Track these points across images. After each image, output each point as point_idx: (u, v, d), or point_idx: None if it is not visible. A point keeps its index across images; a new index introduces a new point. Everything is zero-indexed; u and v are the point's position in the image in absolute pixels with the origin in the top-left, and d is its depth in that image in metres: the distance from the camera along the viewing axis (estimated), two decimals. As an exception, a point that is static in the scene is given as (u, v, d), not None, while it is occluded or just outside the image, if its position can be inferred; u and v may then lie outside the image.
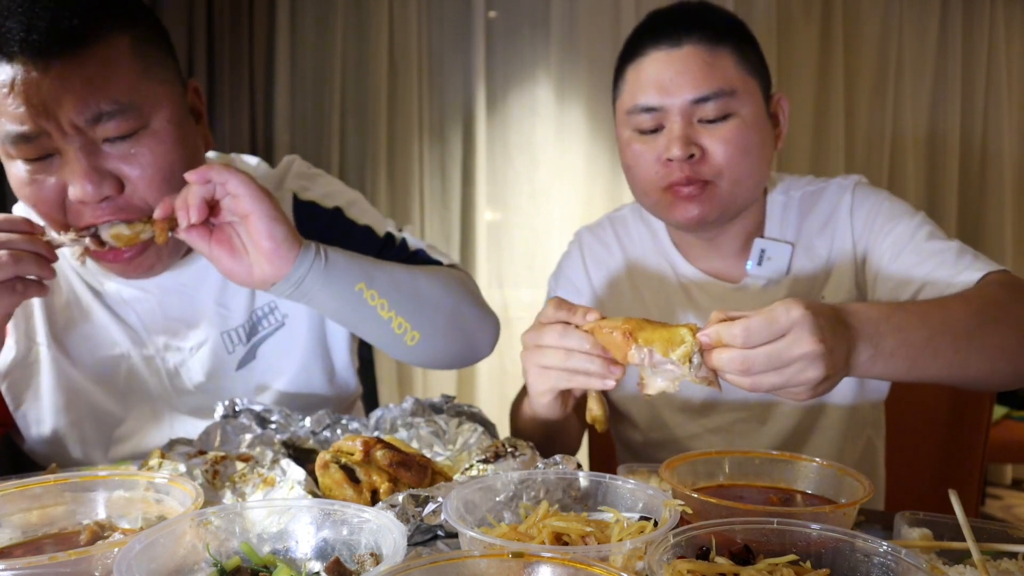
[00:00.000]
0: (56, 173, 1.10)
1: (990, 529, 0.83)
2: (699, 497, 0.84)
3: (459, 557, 0.67)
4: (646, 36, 1.31)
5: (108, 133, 1.09)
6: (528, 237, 3.77)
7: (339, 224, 1.36)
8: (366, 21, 3.66)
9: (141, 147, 1.12)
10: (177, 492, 0.85)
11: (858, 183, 1.42)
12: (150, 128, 1.13)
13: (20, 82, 1.04)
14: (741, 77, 1.28)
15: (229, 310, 1.34)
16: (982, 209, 3.94)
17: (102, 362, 1.30)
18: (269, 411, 1.20)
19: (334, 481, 0.96)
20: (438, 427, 1.21)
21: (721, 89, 1.25)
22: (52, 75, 1.04)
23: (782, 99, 1.37)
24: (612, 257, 1.53)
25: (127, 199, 1.13)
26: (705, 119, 1.26)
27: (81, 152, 1.07)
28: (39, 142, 1.07)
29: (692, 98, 1.25)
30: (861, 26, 3.82)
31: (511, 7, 3.76)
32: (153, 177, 1.13)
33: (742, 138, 1.26)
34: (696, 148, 1.26)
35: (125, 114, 1.09)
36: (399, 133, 3.70)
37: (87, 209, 1.11)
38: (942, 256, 1.25)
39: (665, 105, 1.26)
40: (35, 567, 0.67)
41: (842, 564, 0.72)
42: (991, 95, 3.91)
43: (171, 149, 1.14)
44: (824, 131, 3.80)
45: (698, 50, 1.26)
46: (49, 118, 1.05)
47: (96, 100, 1.06)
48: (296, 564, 0.76)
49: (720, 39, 1.28)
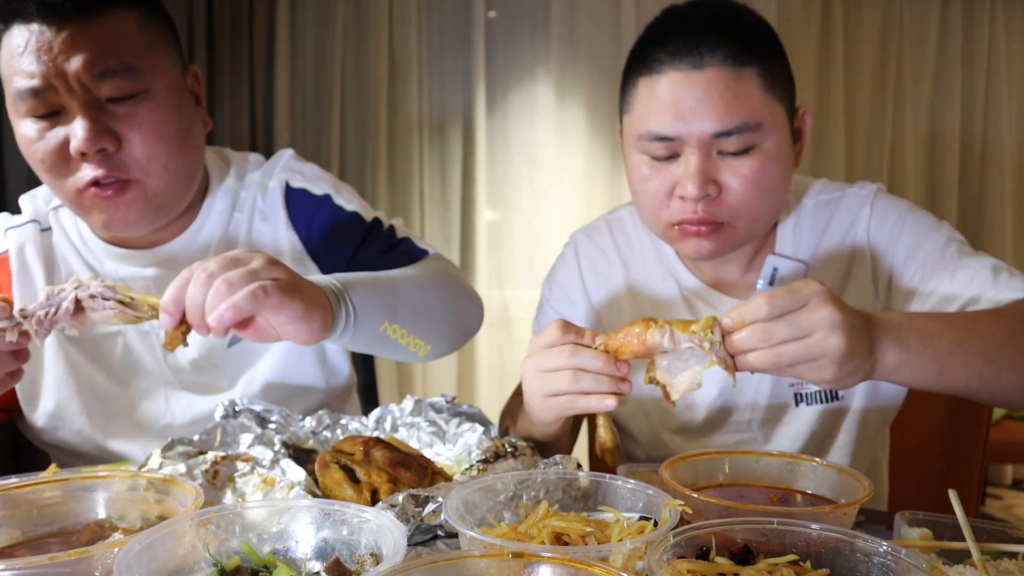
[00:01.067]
0: (60, 130, 1.18)
1: (990, 529, 0.83)
2: (699, 497, 0.84)
3: (459, 557, 0.67)
4: (663, 47, 1.18)
5: (111, 92, 1.18)
6: (528, 237, 3.77)
7: (327, 208, 1.41)
8: (366, 21, 3.66)
9: (140, 109, 1.20)
10: (177, 492, 0.85)
11: (877, 194, 1.32)
12: (150, 93, 1.21)
13: (34, 41, 1.14)
14: (767, 105, 1.16)
15: None
16: (982, 209, 3.95)
17: (98, 340, 1.35)
18: (269, 411, 1.20)
19: (334, 481, 0.96)
20: (438, 427, 1.21)
21: (745, 123, 1.14)
22: (64, 36, 1.14)
23: (806, 113, 1.27)
24: (610, 266, 1.44)
25: (122, 157, 1.20)
26: (725, 151, 1.16)
27: (85, 107, 1.16)
28: (46, 98, 1.16)
29: (713, 131, 1.14)
30: (861, 26, 3.82)
31: (511, 7, 3.76)
32: (149, 137, 1.21)
33: (763, 174, 1.16)
34: (713, 186, 1.16)
35: (129, 75, 1.18)
36: (399, 133, 3.70)
37: (86, 163, 1.18)
38: (979, 275, 1.18)
39: (682, 135, 1.16)
40: (35, 567, 0.67)
41: (842, 564, 0.72)
42: (991, 95, 3.91)
43: (169, 115, 1.23)
44: (824, 131, 3.80)
45: (722, 74, 1.14)
46: (58, 74, 1.14)
47: (103, 59, 1.16)
48: (296, 564, 0.76)
49: (746, 58, 1.15)
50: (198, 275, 0.96)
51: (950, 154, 3.89)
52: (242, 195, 1.41)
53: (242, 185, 1.42)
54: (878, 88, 3.85)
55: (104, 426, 1.35)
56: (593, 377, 0.99)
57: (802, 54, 3.74)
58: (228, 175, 1.42)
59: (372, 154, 3.69)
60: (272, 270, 1.00)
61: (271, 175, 1.43)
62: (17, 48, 1.15)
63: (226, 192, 1.40)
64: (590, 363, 0.99)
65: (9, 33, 1.17)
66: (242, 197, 1.41)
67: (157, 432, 1.35)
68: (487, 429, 1.18)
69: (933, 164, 3.92)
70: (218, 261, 0.98)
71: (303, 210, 1.40)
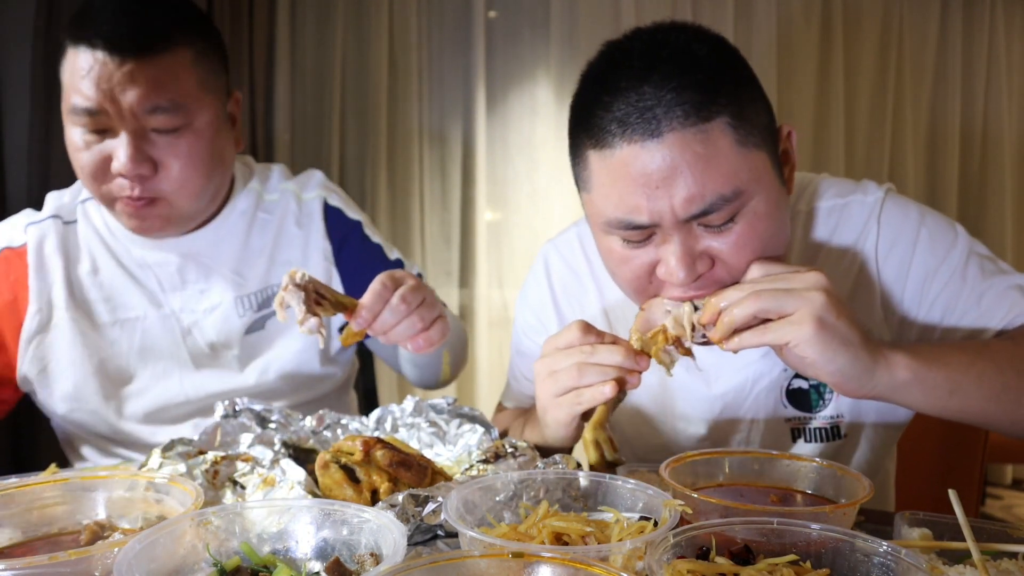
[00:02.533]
0: (106, 146, 1.30)
1: (990, 529, 0.83)
2: (699, 497, 0.84)
3: (459, 557, 0.67)
4: (609, 111, 0.99)
5: (157, 124, 1.30)
6: (528, 237, 3.77)
7: (358, 236, 1.58)
8: (366, 21, 3.66)
9: (181, 142, 1.32)
10: (177, 492, 0.85)
11: (885, 203, 1.17)
12: (192, 127, 1.34)
13: (97, 69, 1.25)
14: (745, 160, 0.98)
15: (244, 279, 1.50)
16: (982, 206, 3.95)
17: (119, 323, 1.45)
18: (269, 411, 1.20)
19: (334, 481, 0.96)
20: (439, 428, 1.21)
21: (721, 196, 0.97)
22: (124, 71, 1.26)
23: (791, 134, 1.10)
24: (584, 290, 1.34)
25: (157, 180, 1.33)
26: (708, 224, 1.00)
27: (131, 135, 1.29)
28: (98, 119, 1.28)
29: (689, 214, 0.98)
30: (861, 27, 3.82)
31: (511, 7, 3.76)
32: (185, 166, 1.34)
33: (756, 237, 1.01)
34: (703, 262, 1.01)
35: (175, 112, 1.30)
36: (399, 133, 3.70)
37: (124, 182, 1.31)
38: (1008, 300, 1.09)
39: (654, 219, 0.99)
40: (35, 567, 0.67)
41: (842, 564, 0.72)
42: (991, 95, 3.92)
43: (206, 145, 1.36)
44: (824, 131, 3.80)
45: (685, 137, 0.95)
46: (112, 102, 1.26)
47: (156, 96, 1.28)
48: (296, 564, 0.76)
49: (712, 108, 0.96)
50: (396, 302, 1.17)
51: (950, 154, 3.89)
52: (269, 198, 1.56)
53: (266, 189, 1.57)
54: (878, 88, 3.85)
55: (119, 407, 1.43)
56: (600, 369, 0.99)
57: (802, 55, 3.74)
58: (252, 179, 1.56)
59: (372, 154, 3.69)
60: (439, 306, 1.26)
61: (306, 188, 1.58)
62: (80, 70, 1.26)
63: (249, 193, 1.54)
64: (602, 356, 0.98)
65: (76, 51, 1.27)
66: (269, 200, 1.56)
67: (170, 413, 1.45)
68: (487, 430, 1.18)
69: (933, 165, 3.92)
70: (411, 291, 1.19)
71: (337, 227, 1.57)
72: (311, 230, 1.55)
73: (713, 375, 1.25)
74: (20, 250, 1.44)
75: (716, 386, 1.25)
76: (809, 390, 1.24)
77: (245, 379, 1.48)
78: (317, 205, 1.57)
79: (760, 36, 3.71)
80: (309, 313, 1.12)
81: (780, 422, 1.25)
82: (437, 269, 3.75)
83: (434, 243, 3.78)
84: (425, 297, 1.22)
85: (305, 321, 1.11)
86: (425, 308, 1.21)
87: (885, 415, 1.26)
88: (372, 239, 1.59)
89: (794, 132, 1.12)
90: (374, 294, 1.17)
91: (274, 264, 1.52)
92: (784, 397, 1.25)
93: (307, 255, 1.54)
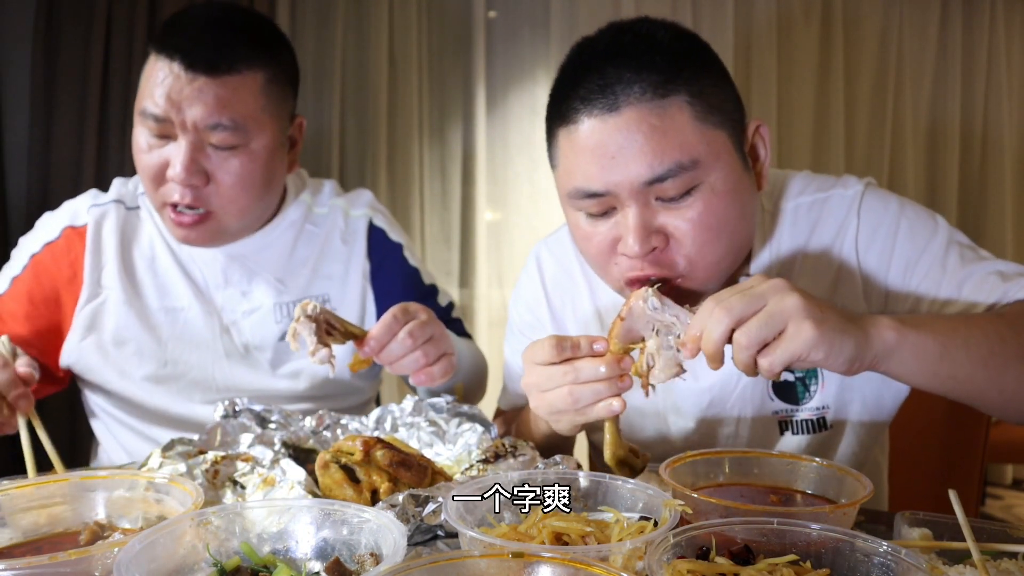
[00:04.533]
0: (166, 151, 1.36)
1: (990, 529, 0.83)
2: (699, 497, 0.84)
3: (459, 557, 0.67)
4: (575, 90, 1.05)
5: (215, 140, 1.36)
6: (528, 237, 3.77)
7: (397, 259, 1.62)
8: (366, 21, 3.66)
9: (235, 160, 1.38)
10: (177, 492, 0.85)
11: (864, 196, 1.19)
12: (249, 148, 1.39)
13: (170, 81, 1.33)
14: (701, 135, 1.02)
15: (286, 286, 1.55)
16: (983, 204, 3.95)
17: (165, 310, 1.51)
18: (269, 411, 1.20)
19: (334, 481, 0.96)
20: (438, 427, 1.21)
21: (678, 163, 1.01)
22: (194, 87, 1.33)
23: (760, 127, 1.13)
24: (576, 289, 1.36)
25: (208, 192, 1.39)
26: (664, 197, 1.03)
27: (189, 145, 1.34)
28: (163, 125, 1.35)
29: (643, 180, 1.02)
30: (861, 26, 3.82)
31: (511, 7, 3.76)
32: (235, 184, 1.39)
33: (713, 215, 1.03)
34: (658, 237, 1.04)
35: (235, 131, 1.36)
36: (399, 133, 3.70)
37: (176, 187, 1.37)
38: (988, 285, 1.10)
39: (611, 189, 1.04)
40: (35, 567, 0.67)
41: (842, 564, 0.72)
42: (991, 95, 3.91)
43: (257, 169, 1.41)
44: (824, 131, 3.80)
45: (641, 112, 1.01)
46: (178, 112, 1.33)
47: (218, 114, 1.34)
48: (296, 564, 0.76)
49: (669, 87, 1.01)
50: (403, 336, 1.23)
51: (950, 153, 3.89)
52: (318, 211, 1.61)
53: (317, 202, 1.62)
54: (878, 88, 3.85)
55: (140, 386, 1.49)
56: (592, 388, 0.96)
57: (802, 54, 3.74)
58: (304, 190, 1.62)
59: (372, 154, 3.69)
60: (448, 344, 1.31)
61: (355, 205, 1.64)
62: (156, 77, 1.34)
63: (300, 204, 1.59)
64: (587, 374, 0.96)
65: (157, 59, 1.35)
66: (318, 213, 1.61)
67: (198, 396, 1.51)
68: (487, 429, 1.18)
69: (933, 165, 3.92)
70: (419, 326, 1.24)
71: (378, 247, 1.61)
72: (354, 247, 1.60)
73: (700, 368, 1.21)
74: (81, 230, 1.51)
75: (703, 379, 1.25)
76: (795, 382, 1.25)
77: (276, 382, 1.53)
78: (363, 224, 1.62)
79: (760, 36, 3.72)
80: (320, 343, 1.16)
81: (767, 415, 1.25)
82: (437, 269, 3.75)
83: (434, 243, 3.78)
84: (433, 334, 1.27)
85: (316, 351, 1.15)
86: (431, 345, 1.26)
87: (870, 406, 1.26)
88: (410, 263, 1.63)
89: (765, 127, 1.14)
90: (383, 326, 1.23)
91: (317, 276, 1.57)
92: (771, 390, 1.25)
93: (348, 271, 1.59)
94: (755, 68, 3.71)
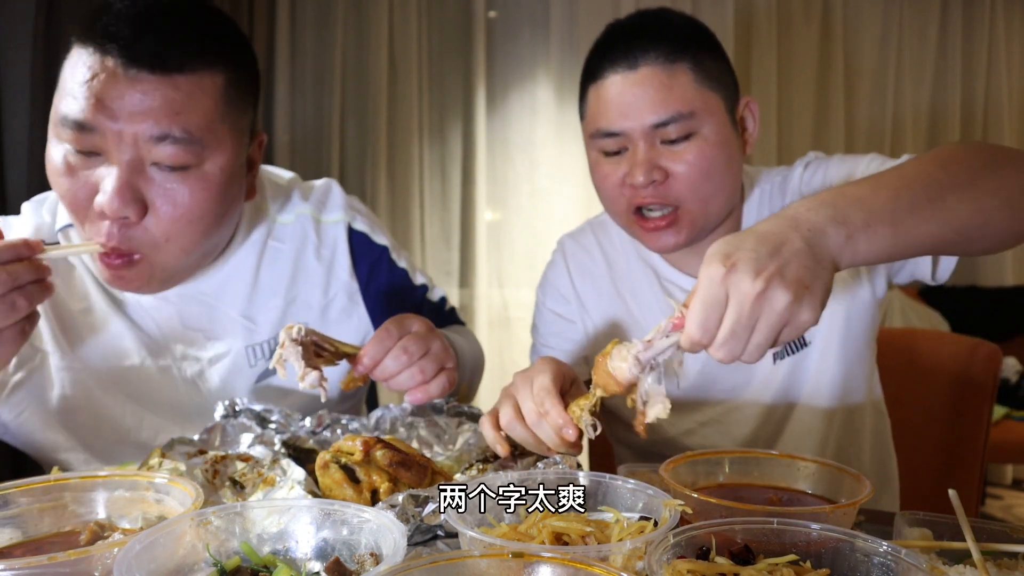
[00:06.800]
0: (93, 173, 1.07)
1: (990, 529, 0.83)
2: (699, 497, 0.84)
3: (459, 557, 0.67)
4: (604, 56, 1.30)
5: (161, 158, 1.07)
6: (528, 237, 3.77)
7: (385, 264, 1.44)
8: (366, 21, 3.66)
9: (183, 185, 1.09)
10: (177, 492, 0.85)
11: (810, 161, 1.40)
12: (202, 169, 1.10)
13: (103, 78, 1.03)
14: (700, 95, 1.25)
15: (256, 324, 1.33)
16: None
17: (116, 372, 1.26)
18: (269, 411, 1.20)
19: (334, 481, 0.96)
20: (438, 427, 1.21)
21: (679, 112, 1.23)
22: (138, 87, 1.03)
23: (750, 103, 1.35)
24: (595, 264, 1.52)
25: (140, 229, 1.09)
26: (667, 140, 1.25)
27: (126, 166, 1.05)
28: (90, 138, 1.05)
29: (651, 123, 1.24)
30: (861, 26, 3.82)
31: (511, 7, 3.76)
32: (179, 218, 1.10)
33: (704, 159, 1.25)
34: (659, 172, 1.25)
35: (188, 146, 1.07)
36: (399, 133, 3.70)
37: (104, 223, 1.08)
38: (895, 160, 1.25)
39: (626, 130, 1.26)
40: (35, 567, 0.67)
41: (842, 564, 0.72)
42: (991, 94, 3.92)
43: (210, 196, 1.12)
44: (824, 131, 3.81)
45: (655, 71, 1.25)
46: (114, 120, 1.03)
47: (169, 123, 1.05)
48: (296, 564, 0.76)
49: (677, 55, 1.25)
50: (397, 352, 1.11)
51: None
52: (281, 220, 1.36)
53: (280, 209, 1.36)
54: (877, 88, 3.85)
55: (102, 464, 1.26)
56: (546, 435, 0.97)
57: (802, 53, 3.75)
58: (264, 199, 1.35)
59: (372, 154, 3.69)
60: (448, 356, 1.18)
61: (327, 209, 1.39)
62: (82, 74, 1.04)
63: (259, 217, 1.34)
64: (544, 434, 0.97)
65: (81, 51, 1.05)
66: (282, 223, 1.35)
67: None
68: (487, 429, 1.17)
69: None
70: (414, 340, 1.12)
71: (364, 255, 1.41)
72: (334, 264, 1.37)
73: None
74: None
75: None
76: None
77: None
78: (340, 231, 1.38)
79: (759, 36, 3.72)
80: (309, 367, 1.05)
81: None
82: (437, 269, 3.75)
83: (434, 243, 3.78)
84: (429, 348, 1.14)
85: (306, 376, 1.04)
86: (428, 360, 1.13)
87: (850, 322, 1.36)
88: (398, 264, 1.45)
89: (755, 104, 1.36)
90: (377, 341, 1.11)
91: (292, 305, 1.34)
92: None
93: (328, 294, 1.37)
94: (755, 67, 3.72)
